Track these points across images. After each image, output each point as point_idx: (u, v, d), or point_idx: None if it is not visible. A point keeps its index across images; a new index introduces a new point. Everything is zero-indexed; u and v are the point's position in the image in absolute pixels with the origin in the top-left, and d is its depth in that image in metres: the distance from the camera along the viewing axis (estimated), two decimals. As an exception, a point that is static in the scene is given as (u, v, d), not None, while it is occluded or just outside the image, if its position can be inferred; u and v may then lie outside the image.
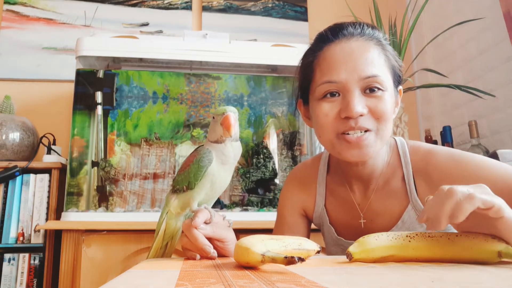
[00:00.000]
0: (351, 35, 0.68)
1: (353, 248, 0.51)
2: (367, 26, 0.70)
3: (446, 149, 0.71)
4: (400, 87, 0.74)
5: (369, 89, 0.65)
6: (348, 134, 0.66)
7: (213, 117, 0.62)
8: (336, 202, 0.80)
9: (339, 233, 0.79)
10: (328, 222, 0.80)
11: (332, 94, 0.67)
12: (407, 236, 0.52)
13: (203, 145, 0.65)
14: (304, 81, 0.74)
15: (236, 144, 0.63)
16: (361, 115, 0.65)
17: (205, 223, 0.59)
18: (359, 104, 0.64)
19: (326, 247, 0.85)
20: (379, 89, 0.66)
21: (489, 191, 0.47)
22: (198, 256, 0.57)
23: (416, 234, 0.52)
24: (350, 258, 0.50)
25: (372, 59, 0.66)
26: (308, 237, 0.86)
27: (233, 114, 0.60)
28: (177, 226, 0.65)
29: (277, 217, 0.88)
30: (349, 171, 0.76)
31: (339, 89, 0.66)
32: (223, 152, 0.61)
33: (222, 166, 0.62)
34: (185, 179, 0.62)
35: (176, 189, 0.64)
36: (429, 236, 0.51)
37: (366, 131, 0.65)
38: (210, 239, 0.58)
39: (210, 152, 0.61)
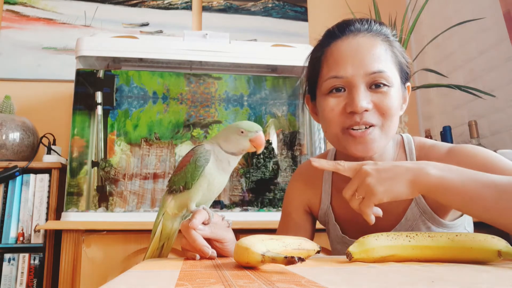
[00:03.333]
0: (358, 31, 0.68)
1: (353, 248, 0.51)
2: (374, 22, 0.71)
3: (447, 145, 0.71)
4: (408, 84, 0.74)
5: (375, 85, 0.66)
6: (353, 129, 0.66)
7: (242, 131, 0.62)
8: (341, 200, 0.79)
9: (344, 231, 0.79)
10: (333, 219, 0.80)
11: (338, 89, 0.67)
12: (407, 236, 0.52)
13: (200, 144, 0.65)
14: (312, 76, 0.74)
15: None
16: (366, 110, 0.65)
17: (204, 223, 0.59)
18: (364, 99, 0.64)
19: (331, 245, 0.85)
20: (384, 85, 0.66)
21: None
22: (198, 256, 0.57)
23: (416, 234, 0.52)
24: (350, 258, 0.50)
25: (378, 54, 0.66)
26: (313, 234, 0.86)
27: (262, 133, 0.63)
28: (173, 228, 0.65)
29: (282, 215, 0.87)
30: None
31: (345, 84, 0.67)
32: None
33: (220, 167, 0.62)
34: (182, 179, 0.61)
35: (172, 190, 0.64)
36: (429, 236, 0.51)
37: (371, 126, 0.65)
38: (208, 240, 0.58)
39: (207, 151, 0.61)
